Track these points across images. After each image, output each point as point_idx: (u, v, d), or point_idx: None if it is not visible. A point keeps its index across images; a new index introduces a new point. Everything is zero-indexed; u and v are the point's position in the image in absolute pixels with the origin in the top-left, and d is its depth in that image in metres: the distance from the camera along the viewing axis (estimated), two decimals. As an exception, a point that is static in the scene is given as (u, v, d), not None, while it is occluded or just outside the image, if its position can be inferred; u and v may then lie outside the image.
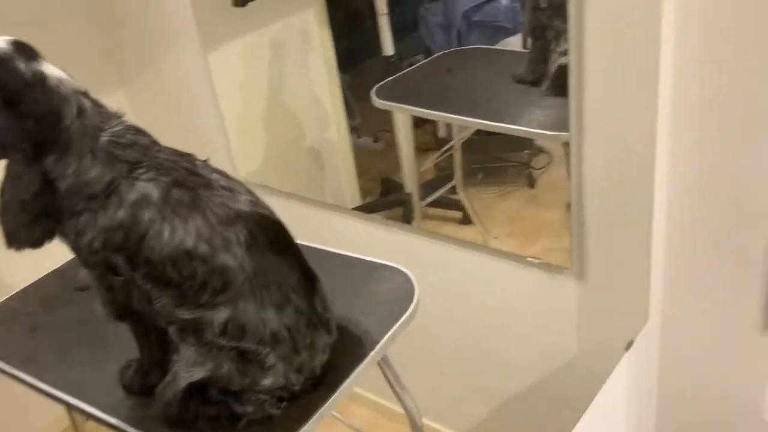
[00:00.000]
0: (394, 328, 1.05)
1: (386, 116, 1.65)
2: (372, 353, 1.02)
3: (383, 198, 1.80)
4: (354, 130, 1.77)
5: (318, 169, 1.88)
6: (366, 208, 1.73)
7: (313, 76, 1.75)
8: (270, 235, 0.91)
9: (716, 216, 1.17)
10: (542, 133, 1.47)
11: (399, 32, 1.58)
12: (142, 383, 0.99)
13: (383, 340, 1.04)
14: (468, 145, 1.66)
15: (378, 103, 1.59)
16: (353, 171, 1.81)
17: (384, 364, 1.14)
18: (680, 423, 1.41)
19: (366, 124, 1.77)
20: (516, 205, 1.68)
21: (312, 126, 1.82)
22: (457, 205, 1.68)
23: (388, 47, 1.58)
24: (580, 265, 1.38)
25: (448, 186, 1.71)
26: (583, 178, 1.28)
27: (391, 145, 1.70)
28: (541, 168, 1.64)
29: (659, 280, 1.30)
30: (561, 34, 1.29)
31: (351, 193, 1.83)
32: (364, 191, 1.79)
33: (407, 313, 1.08)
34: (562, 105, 1.30)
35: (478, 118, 1.54)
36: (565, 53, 1.27)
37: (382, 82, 1.59)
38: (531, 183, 1.65)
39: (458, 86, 1.60)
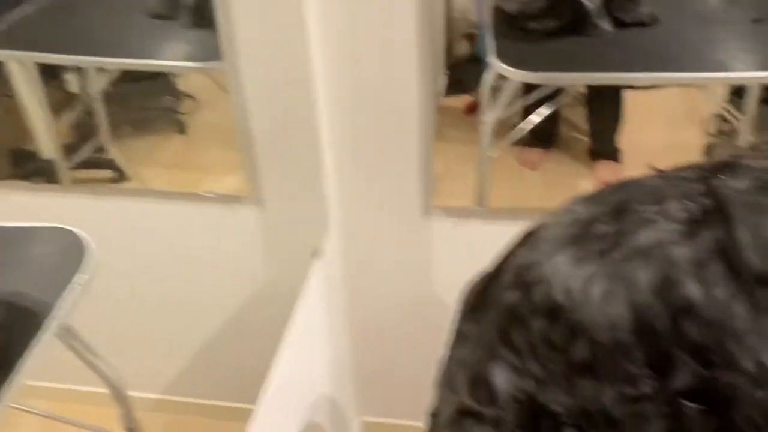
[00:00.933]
0: (72, 291, 0.95)
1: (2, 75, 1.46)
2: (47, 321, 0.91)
3: (20, 170, 1.60)
4: None
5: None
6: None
7: None
8: None
9: (374, 120, 1.33)
10: (194, 66, 1.45)
11: None
12: None
13: (59, 306, 0.93)
14: (108, 99, 1.55)
15: None
16: None
17: (68, 334, 1.02)
18: (370, 311, 1.58)
19: None
20: (172, 152, 1.65)
21: None
22: (109, 164, 1.58)
23: None
24: (256, 192, 1.42)
25: (93, 145, 1.61)
26: (245, 105, 1.31)
27: (13, 109, 1.51)
28: (189, 113, 1.65)
29: (333, 189, 1.42)
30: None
31: None
32: None
33: (83, 274, 0.98)
34: (209, 36, 1.31)
35: (114, 58, 1.46)
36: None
37: None
38: (181, 129, 1.63)
39: (84, 26, 1.49)
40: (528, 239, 0.59)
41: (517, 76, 1.46)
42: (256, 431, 1.07)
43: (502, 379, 0.61)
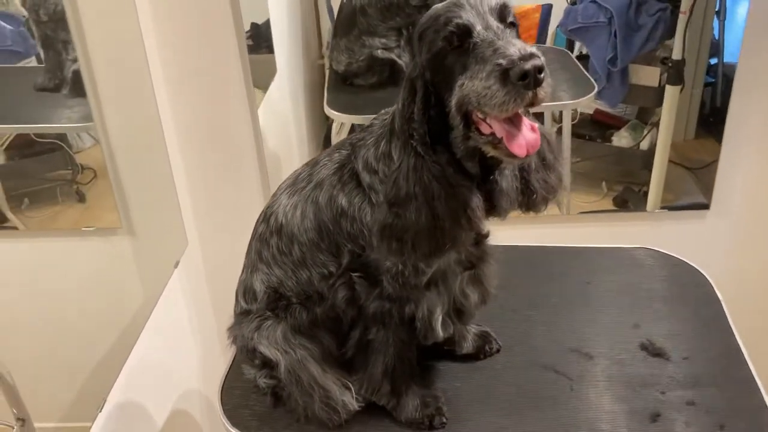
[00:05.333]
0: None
1: None
2: None
3: None
4: None
5: None
6: None
7: None
8: None
9: (214, 156, 1.70)
10: (73, 126, 1.77)
11: None
12: None
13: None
14: (8, 172, 1.67)
15: None
16: None
17: None
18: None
19: None
20: (70, 219, 1.78)
21: None
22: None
23: None
24: (128, 223, 1.75)
25: None
26: (112, 154, 1.66)
27: None
28: (89, 182, 1.76)
29: (188, 210, 1.77)
30: (68, 43, 1.65)
31: None
32: None
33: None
34: (84, 103, 1.64)
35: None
36: (75, 60, 1.63)
37: None
38: (82, 198, 1.75)
39: None
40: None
41: (343, 118, 1.88)
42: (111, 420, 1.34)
43: (258, 283, 0.99)
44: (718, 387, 1.15)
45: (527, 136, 0.89)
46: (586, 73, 2.18)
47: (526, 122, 0.90)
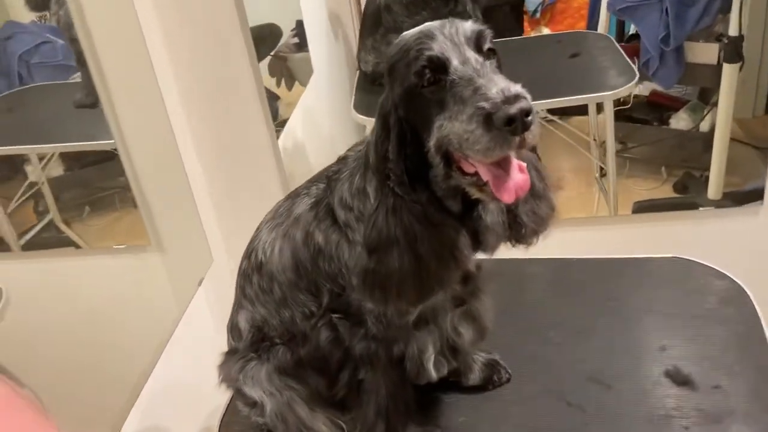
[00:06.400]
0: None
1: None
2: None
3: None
4: None
5: None
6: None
7: None
8: None
9: (232, 175, 1.68)
10: (94, 144, 1.79)
11: None
12: None
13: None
14: (64, 183, 1.75)
15: None
16: None
17: None
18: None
19: None
20: (129, 226, 1.84)
21: None
22: (67, 241, 1.74)
23: None
24: (156, 240, 1.76)
25: (44, 222, 1.88)
26: (136, 171, 1.66)
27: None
28: None
29: (212, 229, 1.76)
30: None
31: None
32: None
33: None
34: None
35: (48, 144, 1.77)
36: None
37: None
38: (136, 204, 1.79)
39: (22, 123, 1.80)
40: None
41: (368, 122, 1.83)
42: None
43: (243, 321, 0.97)
44: (751, 422, 1.04)
45: (515, 179, 0.81)
46: (627, 59, 2.04)
47: (514, 163, 0.82)
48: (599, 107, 2.24)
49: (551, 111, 2.22)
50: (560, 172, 2.57)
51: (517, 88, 0.76)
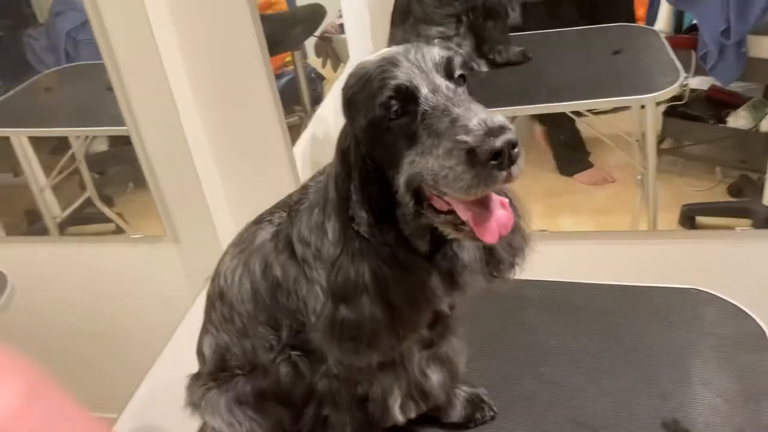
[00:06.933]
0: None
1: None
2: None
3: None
4: None
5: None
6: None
7: None
8: None
9: (242, 163, 1.65)
10: (107, 129, 1.78)
11: (3, 60, 1.61)
12: None
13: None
14: (110, 159, 1.83)
15: None
16: None
17: None
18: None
19: (4, 161, 1.71)
20: None
21: None
22: (101, 218, 1.82)
23: None
24: (171, 231, 1.75)
25: (82, 199, 1.88)
26: (150, 162, 1.65)
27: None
28: None
29: (224, 220, 1.75)
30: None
31: None
32: (9, 228, 1.75)
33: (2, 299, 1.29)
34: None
35: (78, 127, 1.78)
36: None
37: None
38: None
39: (59, 103, 1.81)
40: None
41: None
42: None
43: (207, 346, 0.94)
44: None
45: (498, 217, 0.74)
46: (673, 57, 1.89)
47: (495, 199, 0.75)
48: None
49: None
50: (606, 167, 2.45)
51: (499, 118, 0.69)
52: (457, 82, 0.75)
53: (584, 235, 2.08)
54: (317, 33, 2.35)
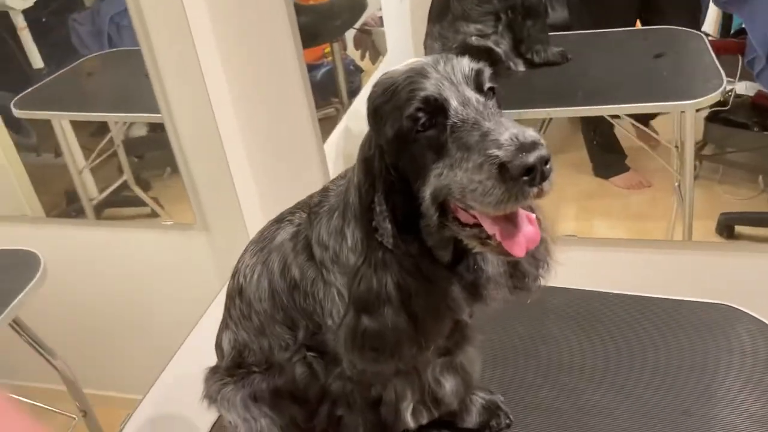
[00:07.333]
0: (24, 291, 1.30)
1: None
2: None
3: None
4: (32, 149, 1.77)
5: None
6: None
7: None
8: None
9: (272, 155, 1.66)
10: (142, 116, 1.81)
11: (49, 43, 1.63)
12: None
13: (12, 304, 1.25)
14: (148, 144, 1.87)
15: (18, 113, 1.71)
16: (30, 188, 1.79)
17: (17, 324, 1.34)
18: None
19: (46, 141, 1.78)
20: None
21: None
22: (135, 202, 1.86)
23: (37, 60, 1.63)
24: (202, 220, 1.77)
25: (119, 182, 1.83)
26: (182, 150, 1.67)
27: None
28: None
29: (253, 211, 1.77)
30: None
31: (33, 209, 1.80)
32: (49, 206, 1.78)
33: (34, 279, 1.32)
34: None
35: (116, 113, 1.79)
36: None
37: (22, 93, 1.62)
38: None
39: (99, 88, 1.81)
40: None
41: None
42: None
43: (226, 342, 0.95)
44: None
45: (525, 232, 0.73)
46: (716, 62, 1.83)
47: (522, 214, 0.74)
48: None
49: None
50: (643, 172, 2.40)
51: (531, 133, 0.68)
52: (487, 95, 0.74)
53: (614, 243, 2.05)
54: (357, 25, 2.34)
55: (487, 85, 0.75)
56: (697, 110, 2.02)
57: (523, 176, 0.65)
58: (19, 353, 1.42)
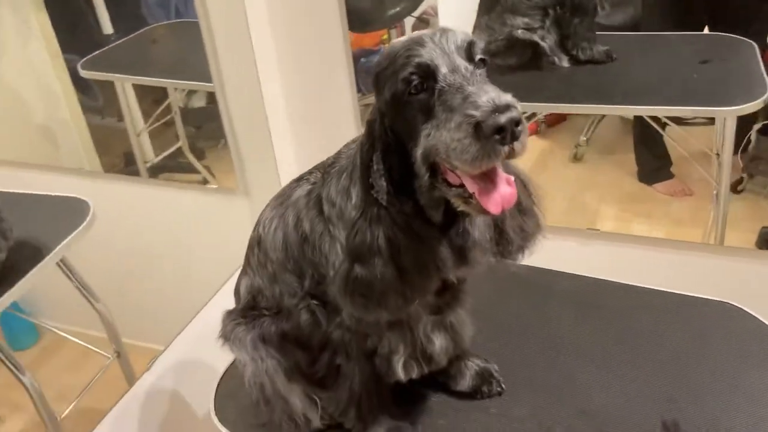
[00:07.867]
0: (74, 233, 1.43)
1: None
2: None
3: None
4: (97, 111, 1.89)
5: (53, 148, 2.17)
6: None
7: (35, 58, 1.82)
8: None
9: (313, 131, 1.74)
10: (194, 84, 1.91)
11: (119, 11, 1.78)
12: None
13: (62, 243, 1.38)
14: (206, 115, 1.96)
15: (84, 73, 1.78)
16: (92, 149, 1.91)
17: (66, 267, 1.49)
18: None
19: (111, 106, 1.90)
20: None
21: (39, 106, 1.91)
22: (189, 168, 2.00)
23: (107, 26, 1.77)
24: (244, 186, 1.88)
25: (174, 148, 1.98)
26: (231, 119, 1.78)
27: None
28: None
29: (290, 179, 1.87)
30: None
31: (92, 165, 1.95)
32: (108, 166, 1.93)
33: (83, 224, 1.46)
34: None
35: (179, 80, 1.91)
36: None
37: (89, 55, 1.78)
38: None
39: (161, 55, 1.91)
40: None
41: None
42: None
43: (243, 286, 1.05)
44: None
45: (502, 192, 0.80)
46: (764, 72, 1.81)
47: (501, 175, 0.81)
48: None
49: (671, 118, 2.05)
50: (686, 180, 2.39)
51: (507, 97, 0.75)
52: (477, 65, 0.81)
53: (628, 239, 2.06)
54: (416, 13, 2.40)
55: (478, 56, 0.82)
56: (754, 124, 2.01)
57: (495, 134, 0.72)
58: (64, 296, 1.54)
